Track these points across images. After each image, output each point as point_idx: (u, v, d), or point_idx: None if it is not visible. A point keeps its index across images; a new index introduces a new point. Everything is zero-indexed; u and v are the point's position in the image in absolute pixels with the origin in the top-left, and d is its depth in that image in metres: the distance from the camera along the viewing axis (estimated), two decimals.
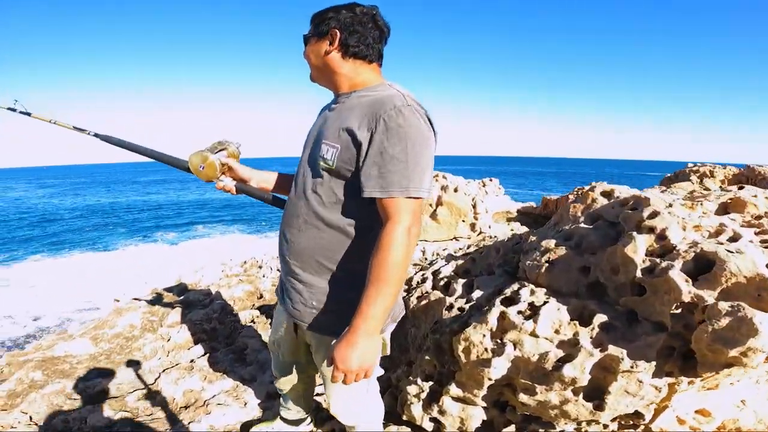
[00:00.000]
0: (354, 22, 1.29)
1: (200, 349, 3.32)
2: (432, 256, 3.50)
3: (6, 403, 3.14)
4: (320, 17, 1.32)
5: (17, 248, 19.50)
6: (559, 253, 1.92)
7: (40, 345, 4.07)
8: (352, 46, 1.30)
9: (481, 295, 2.14)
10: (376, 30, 1.32)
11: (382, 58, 1.38)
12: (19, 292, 12.28)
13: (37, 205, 37.51)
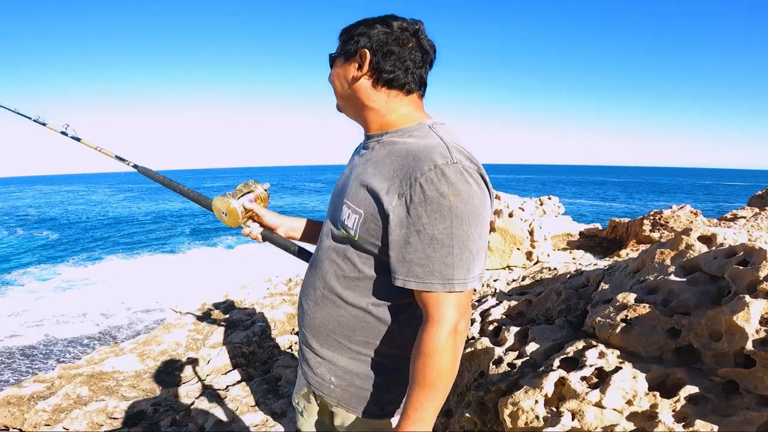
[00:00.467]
0: (390, 40, 0.98)
1: (237, 374, 3.21)
2: (482, 287, 3.17)
3: (50, 418, 3.19)
4: (348, 33, 1.03)
5: (96, 249, 21.15)
6: (641, 311, 1.57)
7: (92, 358, 4.16)
8: (386, 72, 0.99)
9: (536, 349, 1.82)
10: (418, 51, 1.01)
11: (425, 87, 1.07)
12: (96, 290, 13.20)
13: (116, 208, 40.69)
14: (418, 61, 1.01)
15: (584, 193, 57.30)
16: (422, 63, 1.02)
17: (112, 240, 23.62)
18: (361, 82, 1.01)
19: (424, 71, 1.04)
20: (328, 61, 1.10)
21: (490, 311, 2.40)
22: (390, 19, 1.01)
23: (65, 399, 3.37)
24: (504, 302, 2.45)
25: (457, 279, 0.86)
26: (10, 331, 9.67)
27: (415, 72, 1.01)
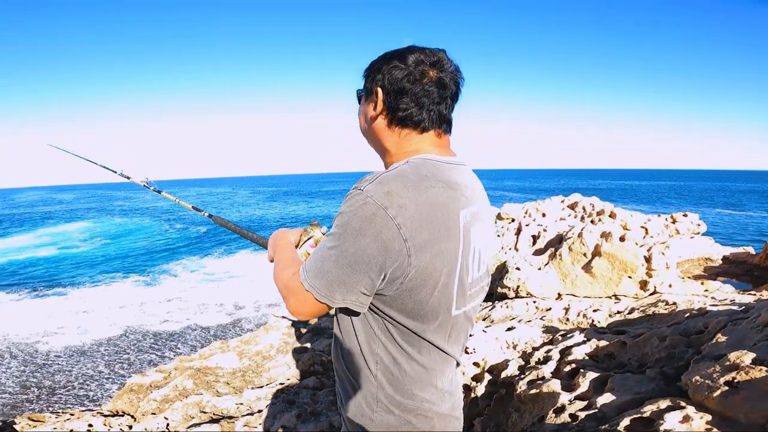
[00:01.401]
0: (402, 76, 0.92)
1: (311, 381, 3.27)
2: (577, 316, 2.73)
3: (158, 408, 3.57)
4: (368, 70, 0.99)
5: (231, 243, 24.20)
6: (755, 374, 1.14)
7: (203, 353, 4.60)
8: (399, 111, 0.92)
9: (610, 401, 1.45)
10: (434, 86, 0.92)
11: (448, 123, 0.97)
12: (232, 283, 14.92)
13: (251, 208, 45.84)
14: (434, 97, 0.92)
15: (703, 200, 46.52)
16: (440, 99, 0.93)
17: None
18: (378, 121, 0.96)
19: (445, 107, 0.94)
20: (356, 98, 1.07)
21: (572, 350, 2.02)
22: (407, 52, 0.94)
23: (173, 390, 3.75)
24: (593, 340, 2.05)
25: (310, 278, 0.87)
26: (162, 317, 11.42)
27: (432, 109, 0.93)
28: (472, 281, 0.93)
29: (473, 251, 0.91)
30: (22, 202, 76.04)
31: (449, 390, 0.98)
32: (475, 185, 0.97)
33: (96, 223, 36.13)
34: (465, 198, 0.89)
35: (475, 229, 0.91)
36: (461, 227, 0.87)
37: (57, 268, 18.61)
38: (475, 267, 0.93)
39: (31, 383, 7.87)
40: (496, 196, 50.19)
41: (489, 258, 1.00)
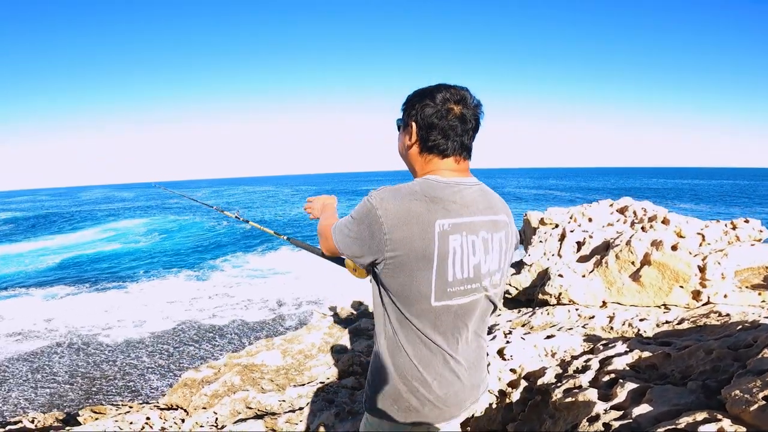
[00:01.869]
0: (432, 113, 1.14)
1: (350, 381, 3.37)
2: (621, 325, 2.66)
3: (208, 402, 3.79)
4: (405, 106, 1.23)
5: (274, 240, 24.93)
6: None
7: (250, 350, 4.82)
8: (429, 141, 1.16)
9: (647, 412, 1.44)
10: (457, 121, 1.15)
11: (468, 150, 1.20)
12: (275, 279, 15.40)
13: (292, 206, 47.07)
14: (458, 130, 1.15)
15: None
16: (462, 131, 1.16)
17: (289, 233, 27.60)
18: (412, 149, 1.21)
19: (466, 137, 1.17)
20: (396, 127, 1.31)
21: (613, 360, 1.99)
22: (436, 91, 1.16)
23: (223, 386, 3.97)
24: (635, 351, 2.01)
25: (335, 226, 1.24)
26: (211, 312, 11.99)
27: (455, 139, 1.16)
28: (453, 280, 1.10)
29: (453, 254, 1.09)
30: (87, 199, 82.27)
31: (438, 379, 1.17)
32: (479, 203, 1.15)
33: (154, 219, 38.49)
34: (446, 211, 1.09)
35: (459, 236, 1.09)
36: (436, 233, 1.07)
37: (119, 262, 19.98)
38: (456, 268, 1.10)
39: (94, 374, 8.49)
40: (539, 196, 48.88)
41: (490, 264, 1.16)
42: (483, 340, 1.30)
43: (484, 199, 1.18)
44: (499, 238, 1.18)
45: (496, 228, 1.18)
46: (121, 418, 3.75)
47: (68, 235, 30.85)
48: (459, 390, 1.21)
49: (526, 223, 5.56)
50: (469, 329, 1.20)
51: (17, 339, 10.36)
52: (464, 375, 1.23)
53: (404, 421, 1.22)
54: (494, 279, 1.19)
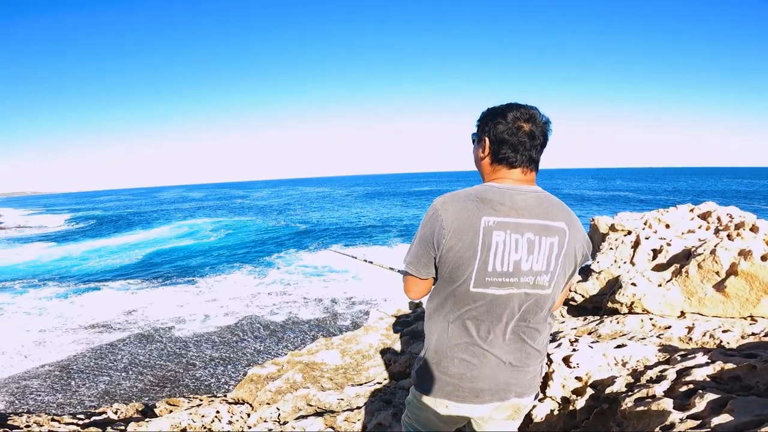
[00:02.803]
0: (504, 130, 1.32)
1: (407, 382, 3.40)
2: (702, 336, 2.49)
3: (272, 398, 3.98)
4: (479, 122, 1.41)
5: (325, 238, 26.08)
6: None
7: (311, 348, 5.00)
8: (500, 154, 1.34)
9: (727, 422, 1.36)
10: (526, 137, 1.32)
11: (534, 162, 1.36)
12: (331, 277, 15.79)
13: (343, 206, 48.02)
14: (526, 145, 1.32)
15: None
16: (531, 146, 1.32)
17: (332, 234, 28.33)
18: (485, 160, 1.39)
19: (534, 151, 1.34)
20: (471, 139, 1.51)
21: (691, 371, 1.89)
22: (508, 110, 1.34)
23: (285, 383, 4.15)
24: (717, 362, 1.89)
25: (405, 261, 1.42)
26: (269, 309, 12.52)
27: (524, 153, 1.32)
28: (492, 271, 1.25)
29: (495, 248, 1.24)
30: (164, 199, 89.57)
31: (468, 361, 1.34)
32: (532, 208, 1.29)
33: (221, 217, 41.13)
34: (493, 210, 1.26)
35: (503, 233, 1.25)
36: (481, 228, 1.24)
37: (190, 258, 21.69)
38: (497, 261, 1.25)
39: (166, 367, 9.15)
40: (605, 198, 46.35)
41: (533, 264, 1.28)
42: (528, 345, 1.38)
43: (538, 205, 1.30)
44: (550, 243, 1.29)
45: (547, 232, 1.28)
46: (194, 411, 4.03)
47: (148, 231, 33.91)
48: (477, 377, 1.35)
49: (594, 229, 5.33)
50: (503, 323, 1.32)
51: (100, 330, 11.39)
52: (490, 367, 1.34)
53: (429, 393, 1.42)
54: (540, 280, 1.30)
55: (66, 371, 8.93)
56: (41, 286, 16.54)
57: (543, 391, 2.40)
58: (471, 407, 1.39)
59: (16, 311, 13.24)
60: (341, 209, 45.55)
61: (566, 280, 1.39)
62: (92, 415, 4.77)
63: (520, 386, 1.39)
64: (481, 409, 1.40)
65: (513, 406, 1.43)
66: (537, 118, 1.34)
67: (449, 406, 1.40)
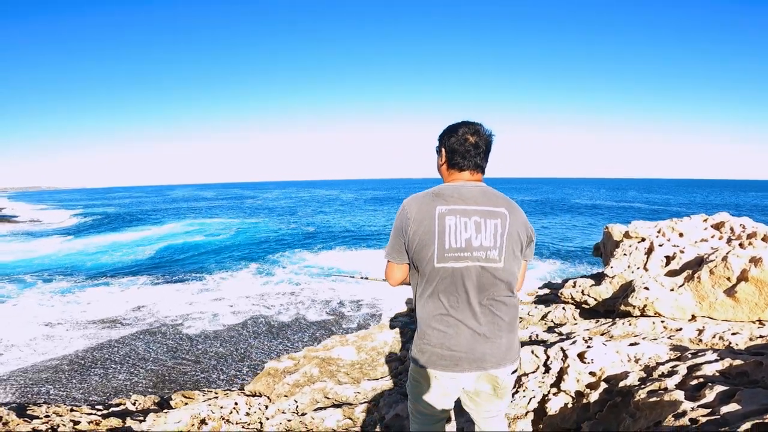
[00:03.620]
0: (455, 142, 1.70)
1: None
2: (711, 338, 2.62)
3: (290, 391, 4.13)
4: (439, 138, 1.80)
5: (334, 240, 26.53)
6: None
7: (326, 345, 5.15)
8: (453, 161, 1.72)
9: (735, 410, 1.49)
10: (472, 147, 1.68)
11: (480, 166, 1.73)
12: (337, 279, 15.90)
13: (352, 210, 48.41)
14: (472, 152, 1.69)
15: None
16: (475, 153, 1.69)
17: (346, 236, 28.77)
18: (442, 167, 1.78)
19: (479, 158, 1.71)
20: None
21: (702, 366, 2.02)
22: (459, 126, 1.72)
23: (303, 376, 4.31)
24: (726, 359, 2.02)
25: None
26: (276, 309, 12.71)
27: (470, 159, 1.70)
28: (449, 248, 1.56)
29: (448, 229, 1.56)
30: (175, 197, 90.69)
31: (444, 331, 1.59)
32: (476, 198, 1.62)
33: (232, 217, 41.57)
34: (445, 201, 1.60)
35: (453, 217, 1.57)
36: (436, 215, 1.58)
37: (200, 255, 22.05)
38: (452, 239, 1.56)
39: (176, 362, 9.33)
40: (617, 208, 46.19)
41: (482, 240, 1.58)
42: (498, 317, 1.63)
43: (482, 196, 1.64)
44: (494, 224, 1.60)
45: (491, 216, 1.61)
46: (213, 402, 4.18)
47: (159, 227, 34.46)
48: (454, 345, 1.59)
49: (607, 236, 5.45)
50: (468, 294, 1.58)
51: (109, 326, 11.61)
52: (465, 337, 1.58)
53: (416, 364, 1.68)
54: (490, 254, 1.59)
55: (76, 365, 9.14)
56: (52, 280, 16.85)
57: (557, 386, 2.54)
58: (454, 376, 1.61)
59: (27, 304, 13.52)
60: (349, 213, 45.85)
61: (518, 259, 1.67)
62: (110, 406, 4.94)
63: (494, 356, 1.62)
64: (464, 379, 1.63)
65: (492, 378, 1.65)
66: (481, 131, 1.71)
67: (437, 376, 1.64)
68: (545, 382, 2.62)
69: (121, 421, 4.06)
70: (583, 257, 18.72)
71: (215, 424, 3.85)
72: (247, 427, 3.65)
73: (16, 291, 15.21)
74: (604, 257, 5.40)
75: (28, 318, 12.13)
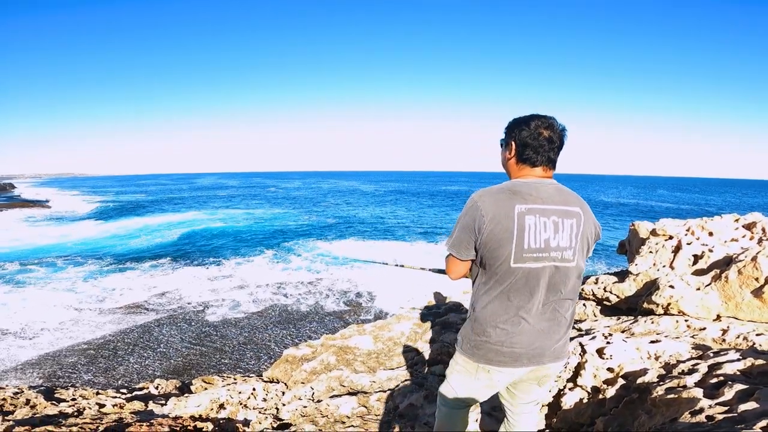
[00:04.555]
0: (527, 135, 1.62)
1: (439, 368, 3.57)
2: (736, 338, 2.56)
3: (307, 378, 4.21)
4: (507, 130, 1.72)
5: (347, 230, 26.88)
6: None
7: (344, 333, 5.22)
8: (524, 155, 1.64)
9: (752, 409, 1.47)
10: (546, 141, 1.61)
11: (552, 161, 1.65)
12: (354, 271, 16.09)
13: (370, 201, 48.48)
14: (545, 147, 1.62)
15: None
16: (549, 148, 1.62)
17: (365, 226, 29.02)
18: (511, 161, 1.70)
19: (552, 153, 1.63)
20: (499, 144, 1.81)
21: (723, 365, 1.99)
22: (531, 119, 1.64)
23: (320, 364, 4.38)
24: (748, 359, 1.98)
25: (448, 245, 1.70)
26: (296, 298, 12.90)
27: (544, 154, 1.62)
28: (528, 248, 1.52)
29: (528, 229, 1.51)
30: (201, 185, 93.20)
31: (507, 330, 1.57)
32: (553, 197, 1.58)
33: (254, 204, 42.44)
34: (524, 199, 1.54)
35: (533, 217, 1.52)
36: (516, 214, 1.51)
37: (222, 243, 22.52)
38: (531, 239, 1.52)
39: (197, 348, 9.59)
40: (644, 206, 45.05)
41: (560, 241, 1.55)
42: (559, 314, 1.61)
43: (558, 194, 1.60)
44: (570, 224, 1.57)
45: (567, 215, 1.57)
46: (231, 387, 4.30)
47: (184, 213, 35.46)
48: (516, 343, 1.57)
49: (633, 234, 5.34)
50: (540, 293, 1.56)
51: (133, 311, 11.97)
52: (526, 334, 1.57)
53: (472, 358, 1.66)
54: (566, 254, 1.56)
55: (103, 349, 9.46)
56: (83, 264, 17.45)
57: (574, 381, 2.52)
58: (510, 371, 1.61)
59: (57, 288, 14.05)
60: (368, 204, 45.96)
61: (584, 257, 1.64)
62: (134, 390, 5.13)
63: (553, 351, 1.61)
64: (518, 373, 1.63)
65: (545, 369, 1.65)
66: (555, 125, 1.64)
67: (491, 371, 1.63)
68: (561, 376, 2.61)
69: (144, 404, 4.21)
70: (605, 255, 18.38)
71: (233, 409, 3.96)
72: (264, 412, 3.75)
73: (47, 275, 15.81)
74: (629, 255, 5.30)
75: (58, 302, 12.60)
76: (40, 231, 27.16)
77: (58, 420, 3.28)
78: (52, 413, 3.76)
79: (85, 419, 3.28)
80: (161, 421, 3.13)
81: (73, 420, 3.21)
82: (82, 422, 3.11)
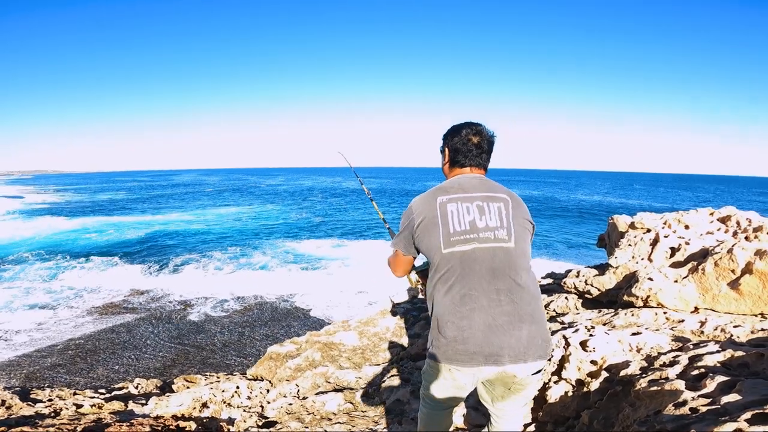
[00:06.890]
0: (457, 141, 1.80)
1: (424, 363, 3.54)
2: (713, 330, 2.62)
3: (291, 375, 4.17)
4: (442, 138, 1.91)
5: (339, 229, 26.83)
6: None
7: (329, 330, 5.18)
8: (455, 160, 1.83)
9: (736, 400, 1.50)
10: (474, 146, 1.79)
11: (483, 164, 1.82)
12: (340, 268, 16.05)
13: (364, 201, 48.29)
14: (474, 152, 1.79)
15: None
16: (477, 153, 1.80)
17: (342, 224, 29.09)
18: (446, 165, 1.89)
19: (480, 158, 1.81)
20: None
21: (703, 357, 2.03)
22: (462, 128, 1.82)
23: (305, 360, 4.35)
24: (728, 350, 2.02)
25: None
26: (278, 296, 12.81)
27: (473, 159, 1.80)
28: (453, 231, 1.60)
29: (450, 215, 1.62)
30: (180, 182, 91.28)
31: (459, 324, 1.52)
32: (476, 187, 1.70)
33: (235, 205, 41.69)
34: (445, 192, 1.69)
35: (455, 204, 1.64)
36: (438, 204, 1.65)
37: (203, 241, 22.18)
38: (455, 223, 1.61)
39: (178, 348, 9.44)
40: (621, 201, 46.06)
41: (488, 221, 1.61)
42: (520, 308, 1.52)
43: (481, 185, 1.72)
44: (498, 206, 1.64)
45: (492, 200, 1.66)
46: (215, 386, 4.23)
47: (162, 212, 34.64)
48: (468, 339, 1.49)
49: (612, 227, 5.43)
50: (484, 280, 1.54)
51: (114, 310, 11.72)
52: (479, 329, 1.49)
53: (435, 360, 1.60)
54: (498, 233, 1.59)
55: (80, 349, 9.23)
56: (57, 262, 16.99)
57: (558, 374, 2.55)
58: (469, 370, 1.52)
59: (31, 287, 13.66)
60: (351, 202, 45.83)
61: (528, 243, 1.66)
62: (113, 390, 5.01)
63: (512, 350, 1.47)
64: (480, 374, 1.53)
65: (509, 376, 1.53)
66: (483, 132, 1.81)
67: (451, 370, 1.56)
68: (546, 369, 2.63)
69: (124, 404, 4.12)
70: (586, 249, 18.70)
71: (216, 408, 3.90)
72: (249, 410, 3.70)
73: (19, 272, 15.36)
74: (609, 248, 5.39)
75: (33, 301, 12.26)
76: (9, 225, 26.42)
77: (34, 421, 3.19)
78: (28, 414, 3.65)
79: (62, 420, 3.19)
80: (142, 421, 3.07)
81: (50, 421, 3.11)
82: (59, 423, 3.03)
